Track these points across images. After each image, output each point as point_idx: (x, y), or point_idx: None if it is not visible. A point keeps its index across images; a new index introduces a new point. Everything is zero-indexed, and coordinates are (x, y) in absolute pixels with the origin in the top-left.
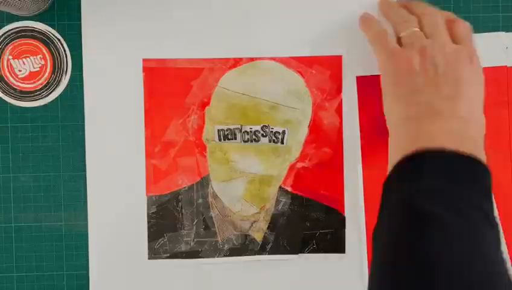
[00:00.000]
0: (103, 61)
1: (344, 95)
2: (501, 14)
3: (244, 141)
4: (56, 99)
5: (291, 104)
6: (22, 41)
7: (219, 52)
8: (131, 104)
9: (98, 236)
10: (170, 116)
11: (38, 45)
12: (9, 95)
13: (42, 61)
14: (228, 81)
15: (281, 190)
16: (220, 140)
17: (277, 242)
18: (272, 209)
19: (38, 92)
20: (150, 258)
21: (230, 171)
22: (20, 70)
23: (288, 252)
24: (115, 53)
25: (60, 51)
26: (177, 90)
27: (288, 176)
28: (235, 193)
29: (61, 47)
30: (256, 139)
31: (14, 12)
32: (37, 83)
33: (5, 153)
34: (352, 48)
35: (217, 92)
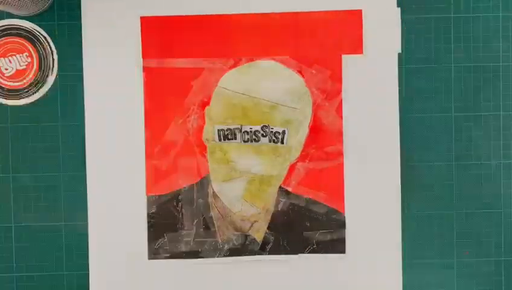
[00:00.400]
0: (103, 61)
1: (344, 95)
2: (501, 14)
3: (244, 141)
4: (44, 97)
5: (291, 104)
6: (7, 40)
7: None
8: (131, 104)
9: (98, 236)
10: (170, 116)
11: (24, 42)
12: None
13: (28, 59)
14: (228, 81)
15: (281, 190)
16: (220, 140)
17: (277, 242)
18: (272, 209)
19: (26, 90)
20: (150, 258)
21: (230, 171)
22: (6, 69)
23: (288, 252)
24: (115, 53)
25: (46, 48)
26: (177, 90)
27: (288, 176)
28: (235, 193)
29: (47, 44)
30: (256, 139)
31: (14, 12)
32: (24, 81)
33: (5, 153)
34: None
35: (217, 92)
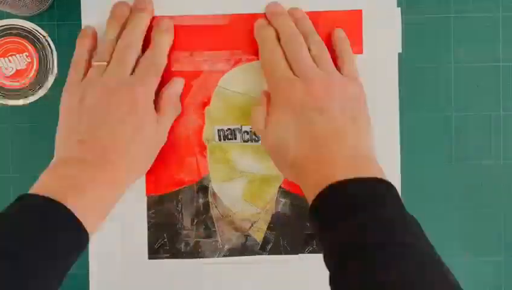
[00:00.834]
0: None
1: None
2: (501, 14)
3: (244, 141)
4: (44, 97)
5: None
6: (7, 40)
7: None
8: None
9: (98, 236)
10: None
11: (24, 42)
12: None
13: (28, 59)
14: (228, 81)
15: (281, 190)
16: (220, 140)
17: (277, 242)
18: (272, 209)
19: (26, 90)
20: (150, 258)
21: (230, 171)
22: (6, 69)
23: (288, 252)
24: None
25: (46, 48)
26: None
27: None
28: (235, 193)
29: (47, 44)
30: (256, 139)
31: (14, 12)
32: (24, 81)
33: (5, 153)
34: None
35: (217, 92)
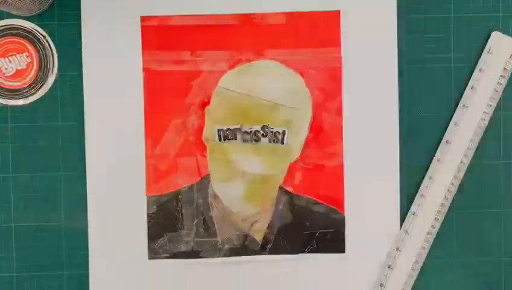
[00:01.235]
0: (103, 61)
1: (344, 95)
2: (501, 14)
3: (244, 141)
4: (44, 97)
5: (291, 104)
6: (7, 40)
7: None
8: (131, 104)
9: (98, 236)
10: (170, 116)
11: (24, 42)
12: None
13: (28, 59)
14: (228, 81)
15: (281, 190)
16: (220, 140)
17: (277, 242)
18: (272, 209)
19: (26, 90)
20: (150, 258)
21: (230, 171)
22: (6, 69)
23: (288, 252)
24: (115, 53)
25: (46, 48)
26: (177, 90)
27: (288, 176)
28: (235, 193)
29: (47, 44)
30: (256, 139)
31: (14, 12)
32: (24, 81)
33: (5, 153)
34: (352, 46)
35: (217, 92)
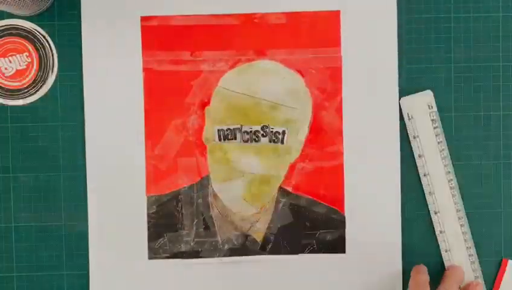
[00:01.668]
0: (103, 61)
1: (344, 95)
2: (501, 14)
3: (244, 141)
4: (44, 97)
5: (291, 104)
6: (7, 40)
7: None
8: (131, 104)
9: (98, 236)
10: (170, 116)
11: (24, 42)
12: None
13: (28, 59)
14: (228, 81)
15: (281, 190)
16: (220, 140)
17: (277, 242)
18: (272, 209)
19: (26, 90)
20: (150, 258)
21: (230, 171)
22: (6, 69)
23: (288, 252)
24: (115, 53)
25: (46, 48)
26: (177, 90)
27: (288, 176)
28: (235, 193)
29: (47, 44)
30: (256, 139)
31: (14, 12)
32: (24, 81)
33: (5, 153)
34: (352, 46)
35: (217, 92)
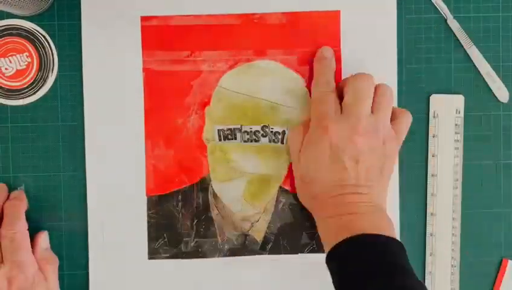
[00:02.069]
0: (103, 61)
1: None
2: (501, 14)
3: (244, 141)
4: (44, 97)
5: (291, 104)
6: (7, 40)
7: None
8: (131, 104)
9: (98, 236)
10: (170, 116)
11: (24, 42)
12: None
13: (28, 59)
14: (228, 81)
15: (281, 190)
16: (220, 140)
17: (277, 242)
18: (272, 209)
19: (26, 90)
20: (150, 258)
21: (230, 171)
22: (6, 69)
23: (288, 252)
24: (115, 53)
25: (46, 48)
26: (177, 90)
27: (288, 176)
28: (235, 193)
29: (47, 44)
30: (256, 139)
31: (14, 12)
32: (24, 81)
33: (5, 153)
34: (352, 46)
35: (217, 92)
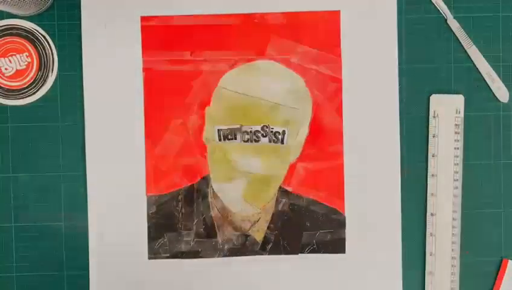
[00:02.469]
0: (103, 61)
1: (344, 95)
2: (501, 14)
3: (244, 141)
4: (44, 97)
5: (291, 104)
6: (7, 40)
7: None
8: (131, 104)
9: (98, 236)
10: (170, 116)
11: (24, 42)
12: None
13: (28, 59)
14: (228, 81)
15: (281, 190)
16: (220, 140)
17: (277, 242)
18: (272, 209)
19: (26, 90)
20: (150, 258)
21: (230, 171)
22: (6, 69)
23: (288, 252)
24: (115, 53)
25: (46, 48)
26: (177, 90)
27: (288, 176)
28: (235, 193)
29: (47, 44)
30: (256, 139)
31: (14, 12)
32: (24, 81)
33: (5, 153)
34: (352, 46)
35: (217, 92)
